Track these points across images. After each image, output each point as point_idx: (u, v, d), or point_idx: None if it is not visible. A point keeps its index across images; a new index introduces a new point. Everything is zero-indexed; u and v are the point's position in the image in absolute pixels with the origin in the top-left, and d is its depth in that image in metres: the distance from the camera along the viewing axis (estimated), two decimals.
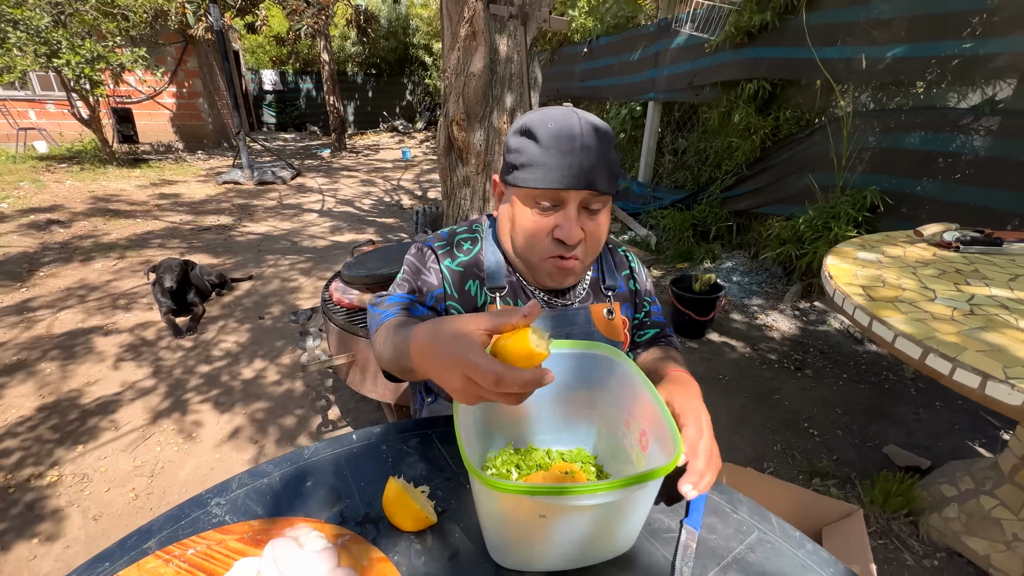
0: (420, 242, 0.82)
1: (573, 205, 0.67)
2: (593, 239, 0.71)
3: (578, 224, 0.67)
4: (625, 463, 0.58)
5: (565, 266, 0.70)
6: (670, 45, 4.27)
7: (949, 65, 2.60)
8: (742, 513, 0.61)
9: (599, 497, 0.42)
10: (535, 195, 0.68)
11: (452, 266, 0.78)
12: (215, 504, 0.59)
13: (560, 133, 0.65)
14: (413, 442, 0.70)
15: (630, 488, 0.42)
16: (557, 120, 0.66)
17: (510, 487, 0.41)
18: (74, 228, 4.35)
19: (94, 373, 2.27)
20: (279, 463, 0.65)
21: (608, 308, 0.82)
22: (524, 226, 0.70)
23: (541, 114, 0.68)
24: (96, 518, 1.53)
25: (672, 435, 0.47)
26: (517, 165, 0.68)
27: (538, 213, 0.69)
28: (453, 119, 2.64)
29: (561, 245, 0.68)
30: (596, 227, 0.70)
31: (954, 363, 0.92)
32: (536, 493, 0.41)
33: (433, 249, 0.79)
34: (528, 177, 0.67)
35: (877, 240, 1.61)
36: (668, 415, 0.50)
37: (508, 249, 0.76)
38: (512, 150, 0.70)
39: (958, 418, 2.06)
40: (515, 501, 0.44)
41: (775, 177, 3.52)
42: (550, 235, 0.69)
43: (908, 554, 1.45)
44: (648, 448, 0.53)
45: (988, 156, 2.48)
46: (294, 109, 12.63)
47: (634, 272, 0.89)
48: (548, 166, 0.65)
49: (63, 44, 5.74)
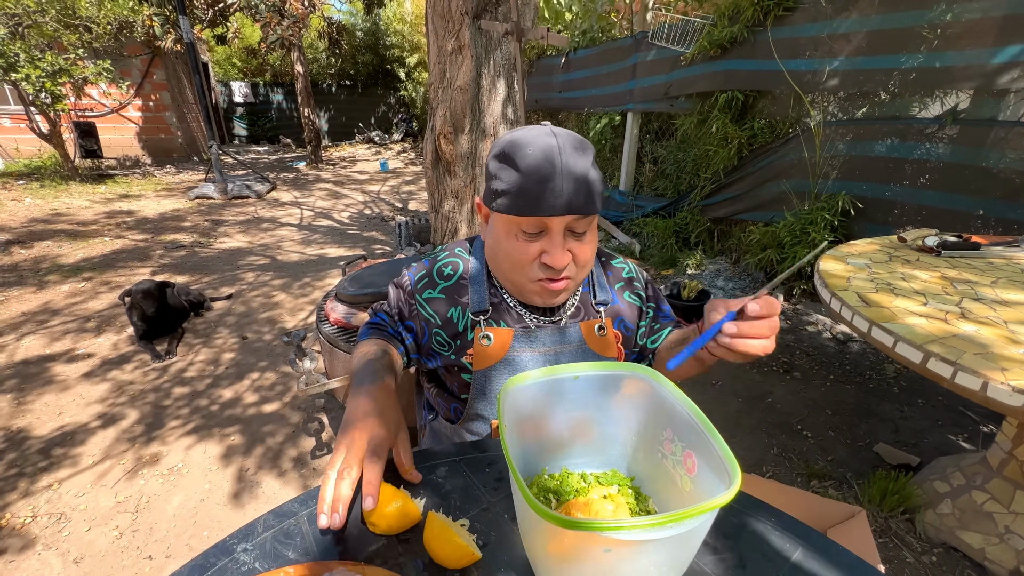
0: (401, 279, 0.84)
1: (558, 232, 0.66)
2: (581, 259, 0.70)
3: (564, 248, 0.66)
4: (668, 486, 0.57)
5: (555, 288, 0.70)
6: (646, 57, 4.38)
7: (908, 77, 2.74)
8: (783, 530, 0.61)
9: (673, 528, 0.41)
10: (518, 222, 0.66)
11: (434, 295, 0.79)
12: (242, 550, 0.55)
13: (539, 158, 0.63)
14: (442, 471, 0.68)
15: (701, 517, 0.41)
16: (535, 144, 0.64)
17: (584, 524, 0.40)
18: (36, 248, 4.13)
19: (64, 402, 2.14)
20: (304, 501, 0.62)
21: (599, 324, 0.81)
22: (510, 253, 0.69)
23: (518, 137, 0.66)
24: (77, 561, 1.43)
25: (723, 453, 0.47)
26: (498, 192, 0.67)
27: (523, 240, 0.67)
28: (440, 132, 2.63)
29: (549, 269, 0.68)
30: (583, 247, 0.69)
31: (955, 367, 0.95)
32: (608, 529, 0.39)
33: (414, 291, 0.81)
34: (509, 205, 0.65)
35: (863, 247, 1.66)
36: (714, 432, 0.49)
37: (495, 272, 0.76)
38: (492, 176, 0.68)
39: (940, 414, 2.14)
40: (577, 536, 0.42)
41: (752, 184, 3.63)
42: (536, 261, 0.68)
43: (907, 551, 1.49)
44: (696, 471, 0.52)
45: (951, 162, 2.61)
46: (266, 121, 12.40)
47: (633, 282, 0.88)
48: (529, 194, 0.63)
49: (21, 57, 5.50)
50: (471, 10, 2.32)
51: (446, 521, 0.55)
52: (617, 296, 0.85)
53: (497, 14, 2.34)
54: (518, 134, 0.67)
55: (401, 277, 0.84)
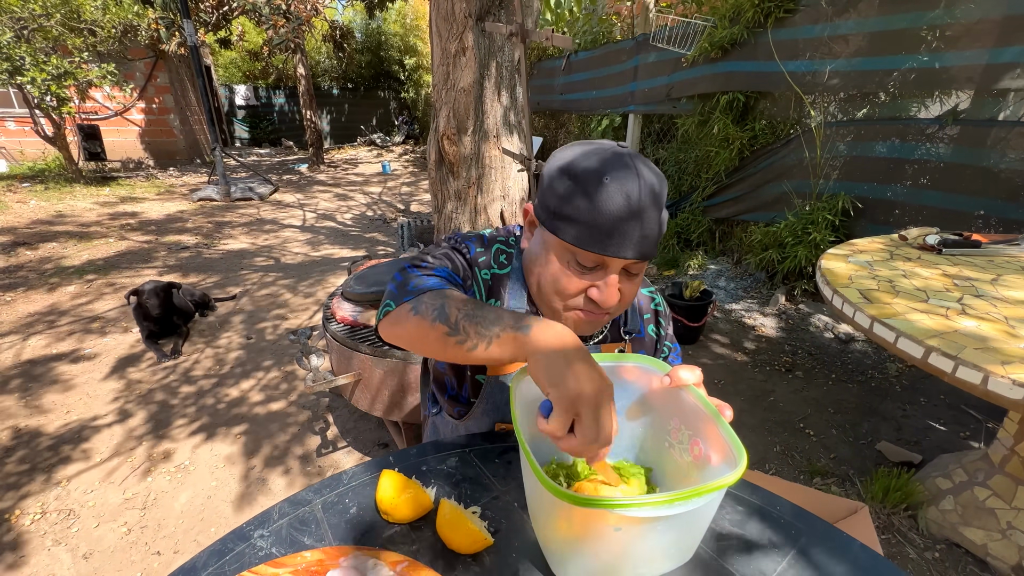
0: (458, 243, 0.75)
1: (615, 271, 0.61)
2: (628, 297, 0.66)
3: (617, 289, 0.62)
4: (676, 473, 0.59)
5: (591, 321, 0.67)
6: (647, 60, 4.40)
7: (909, 78, 2.76)
8: (788, 518, 0.62)
9: (681, 506, 0.42)
10: (574, 252, 0.61)
11: (486, 277, 0.74)
12: (259, 536, 0.57)
13: (618, 196, 0.57)
14: (452, 462, 0.69)
15: (709, 496, 0.43)
16: (614, 174, 0.58)
17: (596, 502, 0.41)
18: (41, 250, 4.16)
19: (72, 401, 2.16)
20: (319, 490, 0.63)
21: (620, 348, 0.78)
22: (556, 278, 0.64)
23: (593, 159, 0.59)
24: (87, 556, 1.44)
25: (732, 442, 0.48)
26: (559, 215, 0.60)
27: (575, 270, 0.62)
28: (444, 134, 2.65)
29: (593, 304, 0.64)
30: (632, 288, 0.65)
31: (956, 361, 0.96)
32: (619, 507, 0.41)
33: (473, 263, 0.74)
34: (571, 233, 0.59)
35: (865, 245, 1.68)
36: (720, 418, 0.51)
37: (532, 289, 0.71)
38: (554, 192, 0.61)
39: (941, 412, 2.15)
40: (587, 515, 0.44)
41: (754, 185, 3.64)
42: (583, 294, 0.64)
43: (910, 547, 1.50)
44: (703, 457, 0.53)
45: (951, 162, 2.62)
46: (268, 124, 12.46)
47: (659, 316, 0.84)
48: (597, 229, 0.58)
49: (27, 60, 5.54)
50: (475, 12, 2.34)
51: (458, 508, 0.56)
52: (644, 328, 0.83)
53: (501, 16, 2.36)
54: (591, 152, 0.61)
55: (456, 241, 0.75)
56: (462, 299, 0.58)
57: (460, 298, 0.58)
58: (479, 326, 0.54)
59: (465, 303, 0.57)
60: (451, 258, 0.73)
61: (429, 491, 0.61)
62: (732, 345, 2.76)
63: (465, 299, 0.58)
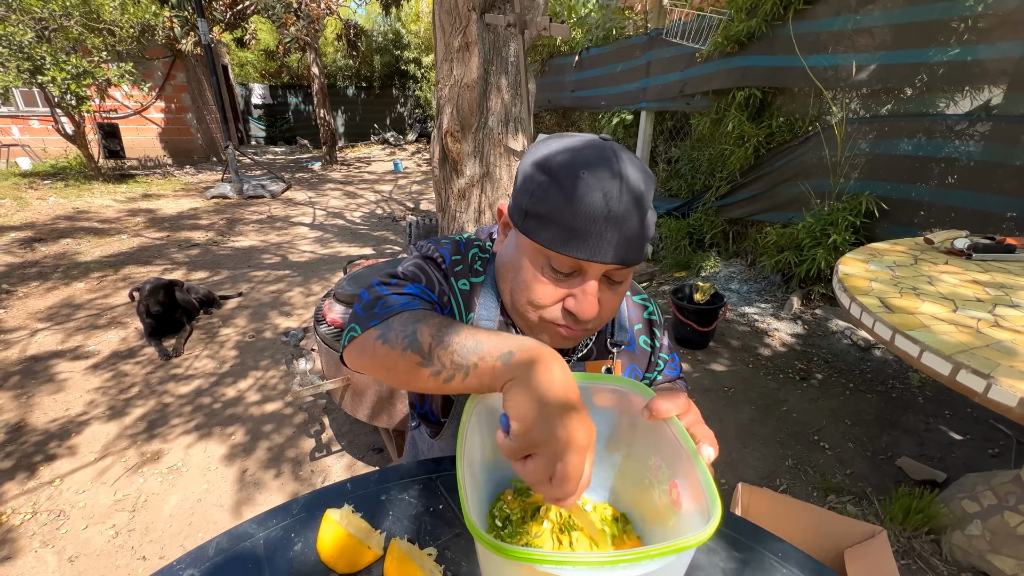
0: (431, 251, 0.68)
1: (594, 279, 0.55)
2: (609, 309, 0.59)
3: (596, 298, 0.55)
4: (652, 516, 0.52)
5: (570, 336, 0.59)
6: (660, 55, 4.28)
7: (937, 72, 2.61)
8: (790, 567, 0.55)
9: (627, 570, 0.35)
10: (550, 257, 0.55)
11: (464, 287, 0.67)
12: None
13: (596, 192, 0.51)
14: (415, 491, 0.63)
15: (664, 559, 0.35)
16: (592, 167, 0.51)
17: (519, 554, 0.34)
18: (57, 246, 4.23)
19: (71, 398, 2.16)
20: (263, 522, 0.58)
21: (608, 367, 0.71)
22: (529, 287, 0.57)
23: (572, 153, 0.53)
24: (72, 559, 1.43)
25: (708, 491, 0.41)
26: (532, 213, 0.54)
27: (549, 277, 0.56)
28: (447, 131, 2.59)
29: (570, 317, 0.57)
30: (614, 298, 0.58)
31: (989, 380, 0.87)
32: (543, 562, 0.34)
33: (448, 273, 0.67)
34: (545, 236, 0.53)
35: (886, 249, 1.57)
36: (702, 464, 0.43)
37: (505, 297, 0.64)
38: (527, 189, 0.55)
39: (968, 427, 2.02)
40: (528, 569, 0.37)
41: (770, 184, 3.51)
42: (560, 304, 0.57)
43: (932, 574, 1.39)
44: (681, 505, 0.46)
45: (982, 160, 2.47)
46: (283, 122, 12.58)
47: (653, 326, 0.77)
48: (574, 231, 0.51)
49: (47, 60, 5.65)
50: (478, 6, 2.28)
51: (409, 551, 0.50)
52: (634, 339, 0.75)
53: (505, 10, 2.29)
54: (569, 143, 0.55)
55: (427, 249, 0.68)
56: (436, 322, 0.52)
57: (434, 321, 0.52)
58: (455, 355, 0.48)
59: (439, 327, 0.51)
60: (424, 270, 0.66)
61: (378, 536, 0.54)
62: (744, 351, 2.65)
63: (439, 322, 0.52)
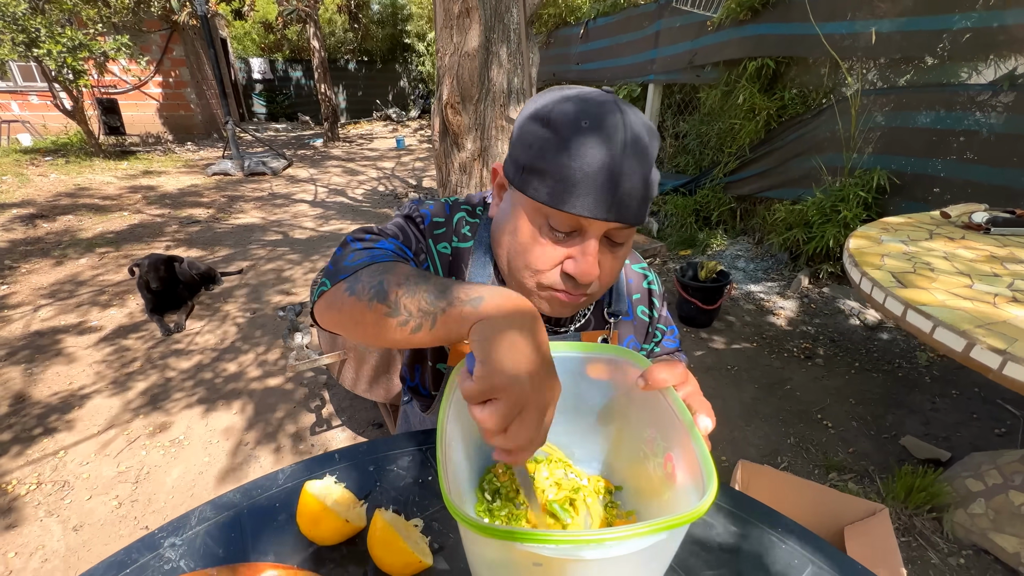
0: (412, 211, 0.65)
1: (595, 238, 0.52)
2: (609, 273, 0.56)
3: (596, 260, 0.53)
4: (647, 489, 0.49)
5: (569, 302, 0.57)
6: (670, 24, 4.12)
7: (961, 39, 2.48)
8: (791, 543, 0.53)
9: (615, 547, 0.33)
10: (548, 215, 0.52)
11: (445, 250, 0.64)
12: (169, 545, 0.50)
13: (597, 142, 0.48)
14: (404, 461, 0.61)
15: (654, 537, 0.33)
16: (595, 119, 0.48)
17: (495, 531, 0.32)
18: (58, 223, 4.21)
19: (74, 373, 2.17)
20: (248, 491, 0.56)
21: (604, 337, 0.69)
22: (527, 248, 0.54)
23: (572, 103, 0.50)
24: (77, 529, 1.45)
25: (704, 463, 0.38)
26: (529, 168, 0.51)
27: (547, 238, 0.53)
28: (447, 102, 2.51)
29: (570, 281, 0.54)
30: (615, 262, 0.56)
31: (1005, 356, 0.83)
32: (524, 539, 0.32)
33: (427, 234, 0.64)
34: (543, 191, 0.50)
35: (900, 223, 1.51)
36: (698, 436, 0.41)
37: (501, 263, 0.60)
38: (525, 143, 0.52)
39: (975, 406, 1.99)
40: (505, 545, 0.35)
41: (780, 160, 3.41)
42: (558, 267, 0.54)
43: (933, 552, 1.39)
44: (676, 478, 0.44)
45: (1004, 133, 2.38)
46: (284, 98, 12.38)
47: (652, 295, 0.74)
48: (573, 185, 0.48)
49: (42, 32, 5.54)
50: None
51: (393, 522, 0.48)
52: (632, 309, 0.72)
53: None
54: (571, 95, 0.51)
55: (409, 209, 0.66)
56: (405, 272, 0.48)
57: (403, 272, 0.48)
58: (422, 302, 0.44)
59: (408, 277, 0.47)
60: (403, 228, 0.63)
61: (359, 508, 0.52)
62: (748, 329, 2.62)
63: (409, 272, 0.48)
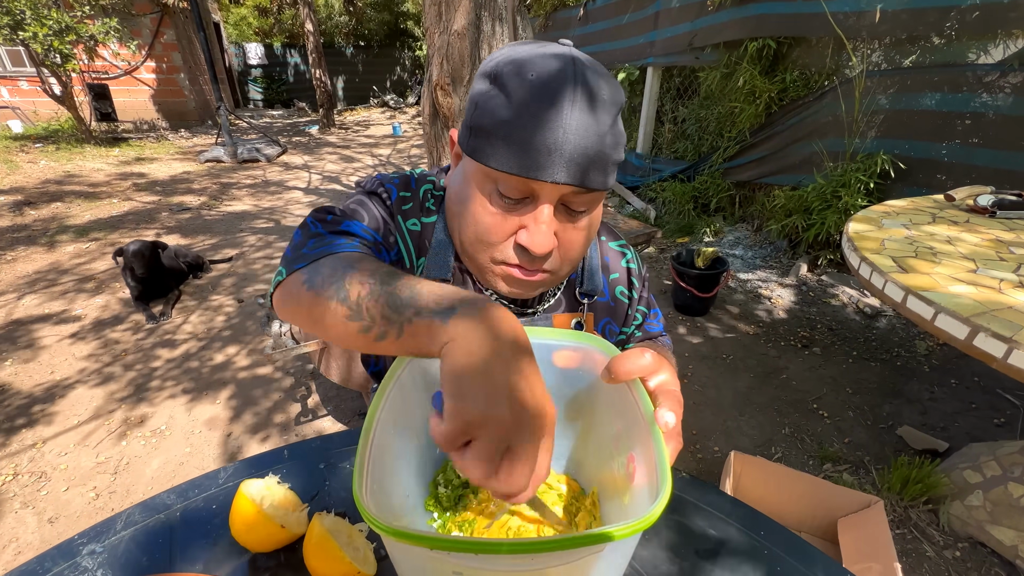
0: (375, 186, 0.59)
1: (547, 203, 0.46)
2: (570, 248, 0.50)
3: (551, 230, 0.47)
4: (612, 492, 0.44)
5: (526, 279, 0.51)
6: (670, 4, 4.01)
7: (970, 16, 2.39)
8: (774, 546, 0.48)
9: (537, 560, 0.29)
10: (497, 179, 0.46)
11: (414, 227, 0.59)
12: (88, 553, 0.45)
13: (544, 92, 0.43)
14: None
15: (586, 549, 0.28)
16: (542, 70, 0.44)
17: (402, 534, 0.28)
18: (46, 210, 4.15)
19: (57, 362, 2.13)
20: (184, 492, 0.52)
21: (578, 320, 0.63)
22: (477, 219, 0.49)
23: (521, 53, 0.46)
24: (52, 520, 1.41)
25: (660, 465, 0.33)
26: (476, 128, 0.46)
27: (497, 205, 0.48)
28: (437, 83, 2.43)
29: (524, 254, 0.49)
30: (576, 235, 0.50)
31: (1011, 344, 0.78)
32: (436, 545, 0.27)
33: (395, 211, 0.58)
34: (489, 152, 0.45)
35: (902, 207, 1.45)
36: (658, 434, 0.36)
37: (455, 237, 0.55)
38: (472, 103, 0.48)
39: (974, 396, 1.95)
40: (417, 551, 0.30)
41: (781, 144, 3.33)
42: (511, 238, 0.49)
43: (928, 544, 1.35)
44: (635, 479, 0.39)
45: (1012, 115, 2.30)
46: (280, 84, 12.19)
47: (631, 274, 0.68)
48: (519, 144, 0.43)
49: (28, 14, 5.40)
50: None
51: (334, 528, 0.43)
52: (608, 289, 0.67)
53: None
54: (522, 50, 0.47)
55: (372, 184, 0.60)
56: (370, 269, 0.42)
57: (367, 268, 0.42)
58: (387, 308, 0.37)
59: (373, 274, 0.41)
60: (366, 206, 0.57)
61: (299, 513, 0.47)
62: (745, 317, 2.57)
63: (374, 268, 0.42)
